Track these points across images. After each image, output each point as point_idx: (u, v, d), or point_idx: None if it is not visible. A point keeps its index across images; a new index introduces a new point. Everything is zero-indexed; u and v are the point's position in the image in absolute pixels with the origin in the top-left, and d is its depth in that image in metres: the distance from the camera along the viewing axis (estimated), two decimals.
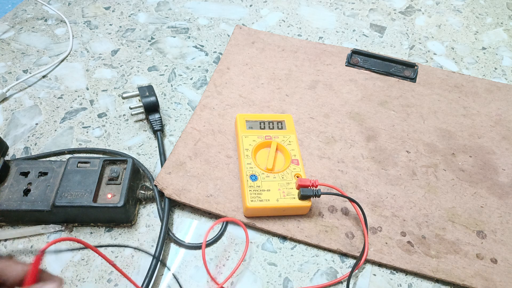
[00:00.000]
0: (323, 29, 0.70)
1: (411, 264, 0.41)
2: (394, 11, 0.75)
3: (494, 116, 0.56)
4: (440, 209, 0.46)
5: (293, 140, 0.48)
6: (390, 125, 0.54)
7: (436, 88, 0.59)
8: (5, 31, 0.65)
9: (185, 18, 0.69)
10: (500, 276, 0.41)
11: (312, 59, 0.62)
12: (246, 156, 0.45)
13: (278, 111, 0.54)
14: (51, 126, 0.52)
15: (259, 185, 0.43)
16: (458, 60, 0.66)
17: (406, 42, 0.68)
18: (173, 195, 0.44)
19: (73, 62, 0.61)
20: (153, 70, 0.60)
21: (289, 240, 0.44)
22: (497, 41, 0.70)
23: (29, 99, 0.55)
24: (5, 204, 0.40)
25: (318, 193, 0.41)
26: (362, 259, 0.41)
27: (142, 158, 0.50)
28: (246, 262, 0.42)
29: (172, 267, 0.41)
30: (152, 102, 0.51)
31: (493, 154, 0.52)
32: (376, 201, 0.46)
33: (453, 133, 0.54)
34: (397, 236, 0.43)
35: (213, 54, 0.63)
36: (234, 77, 0.58)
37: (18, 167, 0.43)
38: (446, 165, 0.50)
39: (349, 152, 0.50)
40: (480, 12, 0.76)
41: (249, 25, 0.69)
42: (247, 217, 0.43)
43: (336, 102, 0.56)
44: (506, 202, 0.47)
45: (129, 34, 0.66)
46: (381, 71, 0.60)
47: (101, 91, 0.57)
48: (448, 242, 0.43)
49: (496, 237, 0.44)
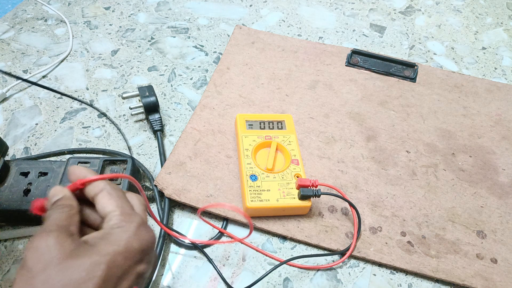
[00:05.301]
0: (323, 29, 0.70)
1: (411, 264, 0.41)
2: (394, 11, 0.75)
3: (494, 116, 0.56)
4: (440, 209, 0.46)
5: (293, 140, 0.48)
6: (390, 125, 0.54)
7: (436, 88, 0.59)
8: (5, 31, 0.65)
9: (185, 18, 0.69)
10: (500, 276, 0.41)
11: (312, 59, 0.62)
12: (246, 156, 0.45)
13: (278, 111, 0.54)
14: (51, 126, 0.52)
15: (259, 185, 0.43)
16: (458, 60, 0.66)
17: (406, 42, 0.68)
18: (173, 195, 0.44)
19: (73, 62, 0.61)
20: (153, 70, 0.60)
21: (289, 240, 0.44)
22: (497, 41, 0.70)
23: (29, 99, 0.55)
24: (5, 204, 0.40)
25: (318, 193, 0.41)
26: (345, 256, 0.41)
27: (142, 158, 0.50)
28: (246, 262, 0.42)
29: (172, 267, 0.41)
30: (152, 102, 0.51)
31: (493, 154, 0.52)
32: (376, 201, 0.46)
33: (453, 133, 0.54)
34: (397, 236, 0.43)
35: (213, 54, 0.63)
36: (234, 77, 0.58)
37: (18, 167, 0.43)
38: (446, 165, 0.50)
39: (349, 152, 0.50)
40: (480, 12, 0.76)
41: (249, 25, 0.69)
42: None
43: (336, 102, 0.56)
44: (506, 202, 0.47)
45: (129, 34, 0.66)
46: (381, 71, 0.60)
47: (101, 91, 0.57)
48: (448, 242, 0.43)
49: (496, 237, 0.44)
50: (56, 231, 0.24)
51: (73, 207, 0.27)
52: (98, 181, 0.28)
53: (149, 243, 0.27)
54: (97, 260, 0.23)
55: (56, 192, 0.28)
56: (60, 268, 0.23)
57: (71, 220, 0.26)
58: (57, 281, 0.22)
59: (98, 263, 0.23)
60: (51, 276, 0.22)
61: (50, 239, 0.24)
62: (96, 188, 0.28)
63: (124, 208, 0.27)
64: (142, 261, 0.26)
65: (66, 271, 0.23)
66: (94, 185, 0.28)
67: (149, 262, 0.27)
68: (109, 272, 0.23)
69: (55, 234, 0.24)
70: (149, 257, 0.27)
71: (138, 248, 0.26)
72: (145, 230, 0.27)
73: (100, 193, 0.28)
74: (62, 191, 0.28)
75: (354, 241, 0.42)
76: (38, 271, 0.22)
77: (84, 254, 0.24)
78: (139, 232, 0.26)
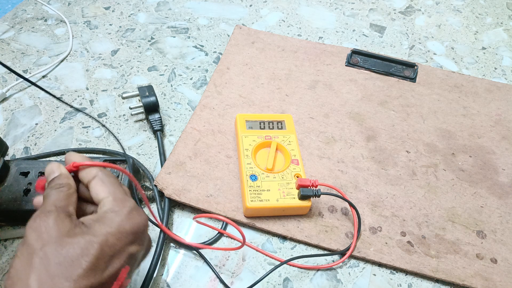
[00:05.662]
0: (323, 29, 0.70)
1: (411, 264, 0.41)
2: (394, 11, 0.75)
3: (494, 116, 0.56)
4: (440, 209, 0.46)
5: (293, 140, 0.48)
6: (390, 125, 0.54)
7: (436, 88, 0.59)
8: (5, 31, 0.65)
9: (185, 18, 0.69)
10: (500, 276, 0.41)
11: (312, 59, 0.62)
12: (246, 156, 0.45)
13: (278, 111, 0.54)
14: (51, 126, 0.52)
15: (259, 185, 0.43)
16: (458, 60, 0.66)
17: (406, 42, 0.68)
18: (173, 195, 0.44)
19: (73, 62, 0.61)
20: (153, 70, 0.60)
21: (289, 240, 0.44)
22: (497, 41, 0.70)
23: (29, 99, 0.55)
24: (5, 204, 0.40)
25: (318, 193, 0.41)
26: (345, 256, 0.41)
27: (142, 158, 0.50)
28: (246, 262, 0.42)
29: (172, 267, 0.41)
30: (152, 102, 0.51)
31: (493, 154, 0.52)
32: (376, 201, 0.46)
33: (453, 133, 0.54)
34: (397, 236, 0.43)
35: (213, 54, 0.63)
36: (234, 77, 0.58)
37: (18, 167, 0.43)
38: (446, 165, 0.50)
39: (349, 152, 0.50)
40: (480, 12, 0.76)
41: (249, 25, 0.69)
42: (247, 217, 0.43)
43: (336, 102, 0.56)
44: (506, 202, 0.47)
45: (129, 34, 0.66)
46: (381, 71, 0.60)
47: (101, 91, 0.57)
48: (448, 242, 0.43)
49: (496, 237, 0.44)
50: (55, 211, 0.26)
51: (71, 186, 0.29)
52: (92, 168, 0.29)
53: (140, 225, 0.28)
54: (91, 240, 0.25)
55: (52, 169, 0.29)
56: (57, 245, 0.25)
57: (69, 200, 0.28)
58: (55, 257, 0.24)
59: (92, 242, 0.25)
60: (49, 252, 0.24)
61: (49, 219, 0.26)
62: (89, 174, 0.29)
63: (117, 194, 0.29)
64: (134, 243, 0.28)
65: (62, 248, 0.25)
66: (88, 172, 0.29)
67: (142, 244, 0.29)
68: (102, 251, 0.25)
69: (54, 214, 0.26)
70: (141, 239, 0.29)
71: (130, 230, 0.27)
72: (137, 214, 0.28)
73: (93, 180, 0.29)
74: (59, 168, 0.30)
75: (354, 241, 0.42)
76: (38, 248, 0.24)
77: (79, 234, 0.25)
78: (131, 216, 0.28)
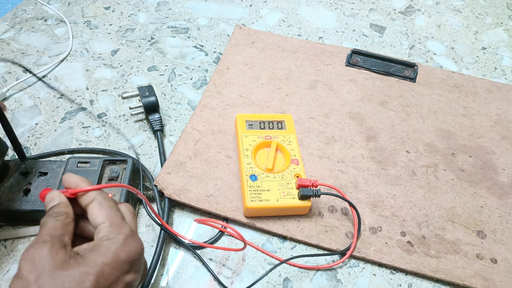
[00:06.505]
0: (323, 29, 0.70)
1: (411, 264, 0.41)
2: (394, 11, 0.75)
3: (494, 116, 0.56)
4: (440, 209, 0.46)
5: (293, 140, 0.48)
6: (390, 125, 0.54)
7: (436, 88, 0.59)
8: (5, 31, 0.65)
9: (185, 18, 0.69)
10: (500, 276, 0.41)
11: (312, 59, 0.62)
12: (246, 156, 0.45)
13: (278, 111, 0.54)
14: (51, 126, 0.52)
15: (259, 185, 0.43)
16: (458, 60, 0.66)
17: (406, 42, 0.68)
18: (173, 195, 0.44)
19: (73, 62, 0.61)
20: (153, 70, 0.60)
21: (289, 240, 0.44)
22: (497, 41, 0.70)
23: (29, 99, 0.55)
24: (5, 204, 0.40)
25: (318, 193, 0.41)
26: (345, 256, 0.41)
27: (142, 158, 0.50)
28: (246, 262, 0.42)
29: (172, 267, 0.41)
30: (152, 102, 0.51)
31: (493, 154, 0.52)
32: (376, 201, 0.46)
33: (453, 133, 0.54)
34: (397, 236, 0.43)
35: (213, 54, 0.63)
36: (234, 77, 0.58)
37: (18, 167, 0.43)
38: (446, 165, 0.50)
39: (349, 152, 0.50)
40: (480, 12, 0.76)
41: (249, 25, 0.69)
42: (247, 217, 0.43)
43: (336, 102, 0.56)
44: (506, 202, 0.47)
45: (129, 34, 0.66)
46: (381, 71, 0.60)
47: (101, 91, 0.57)
48: (448, 242, 0.43)
49: (496, 237, 0.44)
50: (50, 242, 0.26)
51: (68, 215, 0.28)
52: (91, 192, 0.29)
53: (136, 254, 0.28)
54: (86, 271, 0.25)
55: (53, 197, 0.29)
56: (52, 278, 0.24)
57: (65, 229, 0.27)
58: None
59: (88, 274, 0.25)
60: (44, 286, 0.24)
61: (44, 250, 0.25)
62: (88, 197, 0.29)
63: (114, 218, 0.28)
64: (130, 271, 0.27)
65: (58, 281, 0.24)
66: (86, 195, 0.29)
67: (137, 272, 0.28)
68: (98, 283, 0.25)
69: (49, 245, 0.25)
70: (137, 267, 0.28)
71: (126, 258, 0.27)
72: (133, 241, 0.28)
73: (91, 203, 0.29)
74: (59, 197, 0.29)
75: (354, 241, 0.42)
76: (32, 281, 0.24)
77: (74, 265, 0.25)
78: (126, 243, 0.27)
